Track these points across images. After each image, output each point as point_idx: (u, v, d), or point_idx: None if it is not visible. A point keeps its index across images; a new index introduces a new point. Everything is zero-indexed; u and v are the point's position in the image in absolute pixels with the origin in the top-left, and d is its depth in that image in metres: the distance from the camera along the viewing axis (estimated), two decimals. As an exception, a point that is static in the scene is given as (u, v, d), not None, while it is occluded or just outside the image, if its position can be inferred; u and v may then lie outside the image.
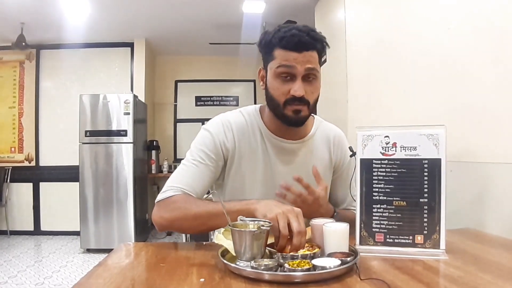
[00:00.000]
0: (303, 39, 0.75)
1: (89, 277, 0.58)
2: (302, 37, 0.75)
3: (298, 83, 0.76)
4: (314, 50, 0.78)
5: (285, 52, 0.76)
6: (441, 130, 0.69)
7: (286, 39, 0.76)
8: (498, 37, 0.94)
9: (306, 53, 0.76)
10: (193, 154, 0.83)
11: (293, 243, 0.62)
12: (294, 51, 0.76)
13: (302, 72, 0.76)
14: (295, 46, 0.75)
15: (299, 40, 0.75)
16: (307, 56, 0.76)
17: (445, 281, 0.57)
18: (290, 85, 0.77)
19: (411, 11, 1.42)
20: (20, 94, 3.77)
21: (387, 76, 1.58)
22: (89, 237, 3.13)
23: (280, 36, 0.77)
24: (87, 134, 3.18)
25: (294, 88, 0.76)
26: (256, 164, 0.85)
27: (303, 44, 0.76)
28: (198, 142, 0.84)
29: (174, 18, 3.24)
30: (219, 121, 0.86)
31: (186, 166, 0.82)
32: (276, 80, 0.78)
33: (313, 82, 0.79)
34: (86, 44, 3.75)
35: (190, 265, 0.63)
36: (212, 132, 0.84)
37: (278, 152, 0.86)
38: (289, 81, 0.77)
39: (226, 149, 0.84)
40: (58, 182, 3.70)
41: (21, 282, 2.38)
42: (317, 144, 0.90)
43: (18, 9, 2.88)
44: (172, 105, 4.39)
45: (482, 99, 1.00)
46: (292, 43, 0.75)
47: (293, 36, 0.75)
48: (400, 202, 0.70)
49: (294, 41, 0.75)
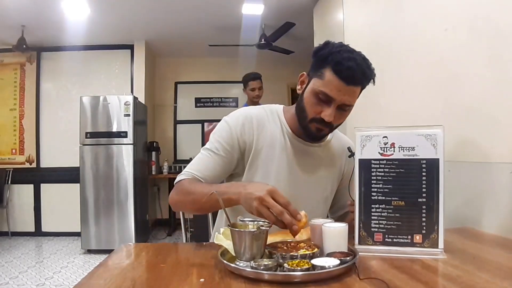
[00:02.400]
0: (356, 75, 0.76)
1: (90, 278, 0.59)
2: (356, 73, 0.76)
3: (331, 109, 0.78)
4: (359, 86, 0.79)
5: (335, 79, 0.76)
6: (439, 130, 0.69)
7: (341, 67, 0.75)
8: (494, 38, 0.95)
9: (352, 87, 0.77)
10: (210, 144, 0.87)
11: (285, 221, 0.64)
12: (343, 81, 0.76)
13: (339, 103, 0.78)
14: (346, 79, 0.76)
15: (352, 75, 0.76)
16: (351, 91, 0.77)
17: (444, 280, 0.57)
18: (323, 107, 0.79)
19: (409, 12, 1.42)
20: (21, 96, 3.78)
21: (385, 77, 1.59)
22: (89, 238, 3.13)
23: (337, 60, 0.76)
24: (87, 135, 3.19)
25: (326, 113, 0.78)
26: (273, 158, 0.87)
27: (353, 80, 0.76)
28: (216, 133, 0.88)
29: (173, 20, 3.25)
30: (239, 114, 0.89)
31: (202, 155, 0.87)
32: (314, 97, 0.80)
33: (345, 112, 0.81)
34: (86, 46, 3.76)
35: (190, 266, 0.64)
36: (230, 124, 0.87)
37: (296, 151, 0.88)
38: (324, 103, 0.79)
39: (243, 142, 0.86)
40: (59, 183, 3.70)
41: (22, 283, 2.38)
42: (332, 151, 0.93)
43: (18, 12, 2.89)
44: (172, 107, 4.40)
45: (479, 99, 1.01)
46: (345, 74, 0.75)
47: (349, 69, 0.75)
48: (399, 202, 0.70)
49: (348, 74, 0.75)
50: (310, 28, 2.89)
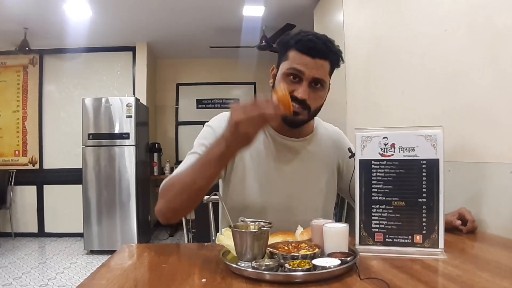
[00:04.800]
0: (318, 46, 0.77)
1: (92, 278, 0.59)
2: (318, 44, 0.77)
3: (303, 86, 0.77)
4: (326, 60, 0.78)
5: (299, 54, 0.77)
6: (439, 131, 0.70)
7: (302, 42, 0.77)
8: (494, 38, 0.95)
9: (318, 60, 0.77)
10: (194, 148, 0.85)
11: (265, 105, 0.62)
12: (307, 55, 0.77)
13: (310, 78, 0.77)
14: (309, 51, 0.77)
15: (314, 46, 0.77)
16: (319, 63, 0.77)
17: (444, 280, 0.57)
18: (295, 87, 0.78)
19: (408, 13, 1.43)
20: (24, 98, 3.81)
21: (385, 77, 1.59)
22: (92, 238, 3.15)
23: (298, 38, 0.78)
24: (90, 137, 3.20)
25: (298, 90, 0.77)
26: (259, 159, 0.85)
27: (317, 51, 0.77)
28: (200, 137, 0.87)
29: (175, 22, 3.26)
30: (221, 116, 0.88)
31: (187, 159, 0.83)
32: (284, 80, 0.80)
33: (319, 90, 0.80)
34: (88, 48, 3.78)
35: (192, 266, 0.64)
36: (212, 126, 0.86)
37: (280, 149, 0.87)
38: (295, 83, 0.78)
39: None
40: (62, 184, 3.72)
41: (26, 283, 2.40)
42: (319, 143, 0.90)
43: (21, 15, 2.91)
44: (174, 108, 4.41)
45: (479, 99, 1.01)
46: (306, 47, 0.77)
47: (310, 41, 0.77)
48: (399, 202, 0.70)
49: (309, 45, 0.77)
50: (311, 29, 2.89)
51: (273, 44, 3.39)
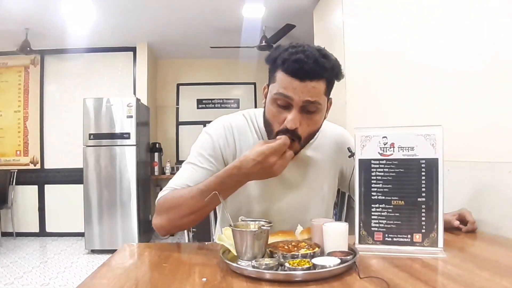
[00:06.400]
0: (306, 66, 0.66)
1: (93, 277, 0.59)
2: (306, 64, 0.66)
3: (293, 114, 0.69)
4: (320, 80, 0.68)
5: (286, 77, 0.68)
6: (438, 130, 0.70)
7: (288, 63, 0.67)
8: (493, 39, 0.95)
9: (308, 82, 0.67)
10: (191, 157, 0.82)
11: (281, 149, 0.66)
12: (295, 78, 0.67)
13: (300, 103, 0.69)
14: (297, 74, 0.67)
15: (301, 67, 0.66)
16: (309, 86, 0.67)
17: (444, 279, 0.58)
18: (286, 114, 0.70)
19: (408, 14, 1.43)
20: (25, 98, 3.82)
21: (384, 78, 1.59)
22: (93, 238, 3.16)
23: (284, 58, 0.68)
24: (91, 137, 3.21)
25: (288, 119, 0.69)
26: None
27: (305, 73, 0.67)
28: (198, 146, 0.83)
29: (175, 22, 3.27)
30: (220, 124, 0.84)
31: (183, 169, 0.81)
32: (273, 106, 0.72)
33: (313, 115, 0.71)
34: (89, 49, 3.79)
35: (192, 265, 0.65)
36: (212, 135, 0.82)
37: None
38: (285, 109, 0.70)
39: (226, 153, 0.82)
40: (63, 184, 3.73)
41: (27, 283, 2.41)
42: (323, 149, 0.86)
43: (22, 15, 2.92)
44: (174, 108, 4.41)
45: (478, 99, 1.01)
46: (293, 69, 0.67)
47: (296, 61, 0.66)
48: (399, 202, 0.71)
49: (296, 67, 0.66)
50: (310, 29, 2.90)
51: (273, 45, 3.39)
